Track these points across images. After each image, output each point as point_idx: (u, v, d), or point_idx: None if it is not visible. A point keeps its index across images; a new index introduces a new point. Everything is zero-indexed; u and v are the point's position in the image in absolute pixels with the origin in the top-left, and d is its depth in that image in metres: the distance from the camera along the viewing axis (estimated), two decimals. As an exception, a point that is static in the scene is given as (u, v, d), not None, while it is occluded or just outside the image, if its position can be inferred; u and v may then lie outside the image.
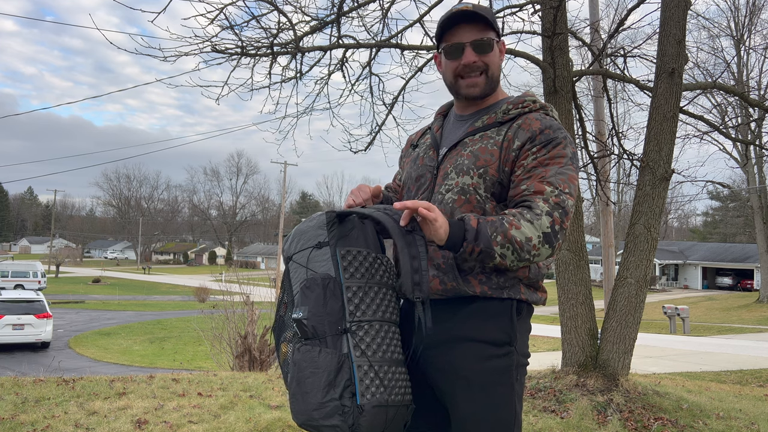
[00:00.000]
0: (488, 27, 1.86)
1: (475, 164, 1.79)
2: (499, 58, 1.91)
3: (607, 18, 29.13)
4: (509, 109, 1.85)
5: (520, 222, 1.65)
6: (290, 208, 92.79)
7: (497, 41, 1.89)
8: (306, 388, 1.64)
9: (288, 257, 1.85)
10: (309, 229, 1.84)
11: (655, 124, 5.21)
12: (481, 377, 1.73)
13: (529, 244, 1.65)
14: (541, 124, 1.79)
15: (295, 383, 1.67)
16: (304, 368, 1.65)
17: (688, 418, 4.80)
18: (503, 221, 1.65)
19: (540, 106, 1.87)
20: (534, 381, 5.48)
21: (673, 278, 47.37)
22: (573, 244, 5.41)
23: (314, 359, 1.65)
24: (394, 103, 6.88)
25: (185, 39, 5.32)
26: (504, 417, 1.75)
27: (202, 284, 36.62)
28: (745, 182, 34.89)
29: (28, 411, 4.67)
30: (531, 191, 1.72)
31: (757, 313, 29.72)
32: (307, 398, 1.64)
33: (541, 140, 1.77)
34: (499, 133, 1.82)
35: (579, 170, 1.83)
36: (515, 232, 1.63)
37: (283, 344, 1.78)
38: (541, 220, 1.66)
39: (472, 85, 1.87)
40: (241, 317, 10.66)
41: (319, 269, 1.74)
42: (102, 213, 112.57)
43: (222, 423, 4.42)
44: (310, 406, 1.64)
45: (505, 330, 1.77)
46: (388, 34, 6.44)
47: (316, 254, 1.78)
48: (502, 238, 1.63)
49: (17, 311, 19.74)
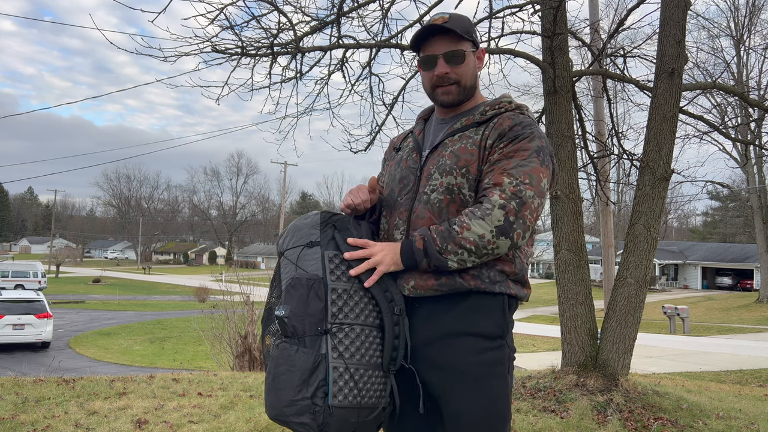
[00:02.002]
0: (461, 39, 1.91)
1: (457, 164, 1.84)
2: (475, 67, 1.97)
3: (606, 18, 29.09)
4: (486, 110, 1.92)
5: (470, 222, 1.72)
6: (290, 208, 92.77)
7: (473, 51, 1.95)
8: (280, 385, 1.70)
9: (280, 252, 1.89)
10: (303, 226, 1.88)
11: (655, 124, 5.21)
12: (477, 370, 1.76)
13: (483, 241, 1.70)
14: (511, 122, 1.85)
15: (270, 378, 1.73)
16: (280, 365, 1.71)
17: (687, 418, 4.80)
18: (452, 228, 1.73)
19: (515, 106, 1.94)
20: (534, 381, 5.48)
21: (673, 278, 47.36)
22: (573, 244, 5.42)
23: (290, 357, 1.70)
24: (394, 103, 6.89)
25: (185, 39, 5.32)
26: (500, 408, 1.78)
27: (202, 284, 36.61)
28: (745, 182, 34.89)
29: (28, 411, 4.67)
30: (491, 184, 1.77)
31: (756, 313, 29.72)
32: (280, 394, 1.70)
33: (509, 136, 1.82)
34: (477, 133, 1.88)
35: (549, 163, 1.83)
36: (466, 233, 1.71)
37: (267, 336, 1.82)
38: (493, 214, 1.71)
39: (446, 93, 1.94)
40: (241, 317, 10.67)
41: (308, 268, 1.79)
42: (102, 213, 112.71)
43: (222, 423, 4.42)
44: (282, 402, 1.69)
45: (498, 324, 1.81)
46: (388, 34, 6.44)
47: (306, 253, 1.82)
48: (453, 247, 1.71)
49: (17, 311, 19.73)
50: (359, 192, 1.95)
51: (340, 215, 1.91)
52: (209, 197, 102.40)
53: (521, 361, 2.04)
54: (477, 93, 2.00)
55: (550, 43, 5.54)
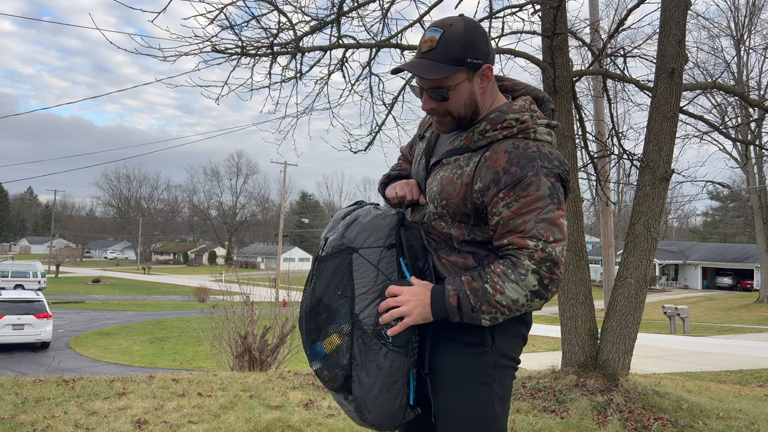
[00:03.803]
0: (451, 66, 1.68)
1: (439, 194, 1.77)
2: (472, 92, 1.73)
3: (607, 18, 29.13)
4: (486, 130, 1.73)
5: (504, 286, 1.65)
6: (290, 208, 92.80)
7: (470, 76, 1.71)
8: (390, 394, 1.75)
9: (351, 247, 1.79)
10: (383, 227, 1.81)
11: (655, 124, 5.21)
12: (457, 374, 1.77)
13: (517, 305, 1.67)
14: (507, 160, 1.65)
15: (378, 387, 1.74)
16: (392, 374, 1.75)
17: (688, 418, 4.80)
18: (486, 289, 1.66)
19: (518, 130, 1.71)
20: (534, 381, 5.48)
21: (673, 278, 47.38)
22: (573, 244, 5.42)
23: (402, 368, 1.76)
24: (394, 103, 6.89)
25: (185, 39, 5.32)
26: (481, 415, 1.76)
27: (202, 284, 36.65)
28: (745, 182, 34.91)
29: (28, 411, 4.67)
30: (515, 247, 1.66)
31: (757, 313, 29.73)
32: (390, 403, 1.75)
33: (506, 182, 1.64)
34: (468, 162, 1.73)
35: (562, 194, 1.68)
36: (500, 297, 1.65)
37: (335, 335, 1.77)
38: (527, 280, 1.64)
39: (439, 123, 1.80)
40: (241, 317, 10.66)
41: (386, 271, 1.79)
42: (102, 213, 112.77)
43: (222, 423, 4.42)
44: (391, 410, 1.76)
45: (476, 333, 1.76)
46: (388, 34, 6.44)
47: (386, 255, 1.80)
48: (487, 307, 1.66)
49: (17, 311, 19.74)
50: (414, 189, 1.92)
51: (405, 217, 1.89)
52: (209, 197, 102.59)
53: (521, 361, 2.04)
54: (486, 103, 1.79)
55: (550, 43, 5.54)
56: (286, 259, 66.09)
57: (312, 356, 1.83)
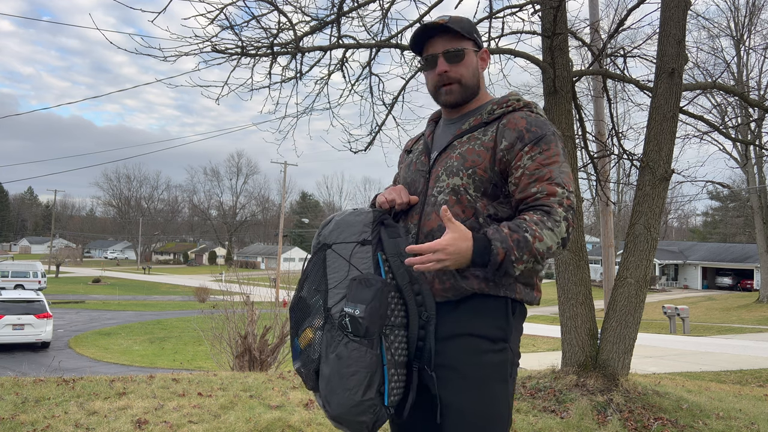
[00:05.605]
0: (462, 38, 1.91)
1: (464, 165, 1.83)
2: (477, 66, 1.96)
3: (607, 18, 29.10)
4: (494, 109, 1.90)
5: (542, 232, 1.69)
6: (290, 208, 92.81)
7: (476, 50, 1.95)
8: (349, 385, 1.70)
9: (325, 244, 1.87)
10: (356, 223, 1.86)
11: (655, 124, 5.21)
12: (477, 371, 1.75)
13: (550, 252, 1.71)
14: (526, 123, 1.83)
15: (337, 377, 1.71)
16: (350, 365, 1.70)
17: (688, 418, 4.80)
18: (527, 238, 1.67)
19: (524, 104, 1.91)
20: (534, 381, 5.48)
21: (673, 278, 47.37)
22: (573, 244, 5.41)
23: (362, 358, 1.71)
24: (394, 103, 6.88)
25: (185, 39, 5.32)
26: (500, 412, 1.77)
27: (202, 284, 36.68)
28: (745, 182, 34.90)
29: (28, 411, 4.67)
30: (544, 194, 1.74)
31: (757, 313, 29.73)
32: (348, 395, 1.70)
33: (530, 138, 1.80)
34: (485, 133, 1.86)
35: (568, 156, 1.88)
36: (538, 245, 1.69)
37: (308, 329, 1.80)
38: (561, 227, 1.71)
39: (448, 92, 1.93)
40: (241, 317, 10.67)
41: (360, 266, 1.79)
42: (102, 213, 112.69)
43: (222, 423, 4.42)
44: (351, 402, 1.70)
45: (500, 326, 1.80)
46: (388, 34, 6.44)
47: (359, 251, 1.81)
48: (528, 256, 1.68)
49: (17, 311, 19.74)
50: (402, 193, 1.95)
51: (387, 215, 1.90)
52: (209, 197, 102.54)
53: (521, 360, 2.05)
54: (482, 92, 1.99)
55: (550, 43, 5.54)
56: (286, 259, 66.13)
57: (294, 355, 1.85)
